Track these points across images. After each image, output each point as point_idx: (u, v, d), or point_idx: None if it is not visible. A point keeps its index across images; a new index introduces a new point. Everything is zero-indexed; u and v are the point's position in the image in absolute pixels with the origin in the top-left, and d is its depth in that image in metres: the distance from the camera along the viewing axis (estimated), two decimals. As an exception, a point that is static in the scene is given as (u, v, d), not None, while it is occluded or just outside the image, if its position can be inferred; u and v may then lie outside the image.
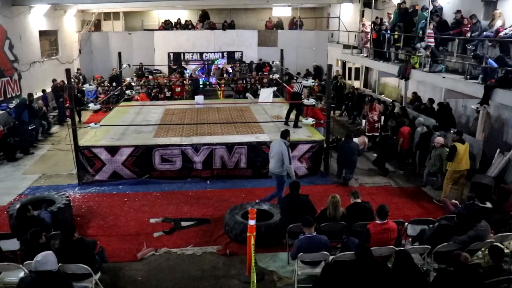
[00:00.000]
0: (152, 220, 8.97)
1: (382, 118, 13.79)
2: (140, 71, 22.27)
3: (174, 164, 10.97)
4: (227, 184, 10.84)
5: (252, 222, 6.67)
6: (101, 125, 11.60)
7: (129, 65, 17.38)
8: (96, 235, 8.15)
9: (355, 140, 11.50)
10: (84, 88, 16.12)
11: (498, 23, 11.59)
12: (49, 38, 20.35)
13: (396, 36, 15.55)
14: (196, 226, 8.76)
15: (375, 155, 12.46)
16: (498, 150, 10.28)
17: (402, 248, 6.25)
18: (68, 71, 10.87)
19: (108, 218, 9.06)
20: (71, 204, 9.08)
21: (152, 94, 19.81)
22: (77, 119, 13.08)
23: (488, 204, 7.42)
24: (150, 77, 22.20)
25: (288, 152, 8.96)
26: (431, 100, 13.98)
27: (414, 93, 15.79)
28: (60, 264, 5.54)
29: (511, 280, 5.57)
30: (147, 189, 10.53)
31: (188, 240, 8.18)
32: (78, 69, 22.03)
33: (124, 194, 10.23)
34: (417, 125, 12.05)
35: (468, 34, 12.64)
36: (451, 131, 11.16)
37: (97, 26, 25.91)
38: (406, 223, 7.43)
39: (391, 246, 6.40)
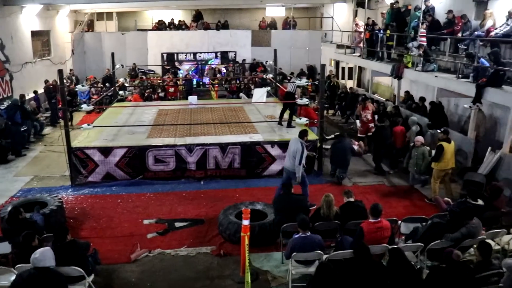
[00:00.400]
0: (145, 221, 8.93)
1: (376, 117, 13.74)
2: (133, 71, 22.21)
3: (167, 165, 10.94)
4: (221, 185, 10.82)
5: (246, 222, 6.65)
6: (94, 126, 11.55)
7: (122, 65, 17.31)
8: (89, 237, 8.11)
9: (354, 147, 11.52)
10: (76, 89, 16.06)
11: (489, 23, 11.67)
12: (41, 39, 20.25)
13: (388, 35, 15.58)
14: (190, 226, 8.74)
15: (369, 154, 12.49)
16: (489, 148, 10.34)
17: (395, 246, 6.27)
18: (60, 72, 10.81)
19: (101, 220, 9.01)
20: (64, 206, 9.02)
21: (146, 94, 19.77)
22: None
23: (480, 202, 7.48)
24: (144, 77, 22.14)
25: (303, 152, 8.87)
26: (422, 99, 14.05)
27: (407, 92, 15.85)
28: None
29: (501, 273, 5.64)
30: (141, 190, 10.49)
31: (182, 241, 8.16)
32: (70, 70, 21.95)
33: (118, 196, 10.19)
34: (411, 124, 12.09)
35: (460, 34, 12.70)
36: (438, 130, 11.18)
37: (90, 27, 25.83)
38: (399, 221, 7.45)
39: (385, 245, 6.42)
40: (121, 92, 17.12)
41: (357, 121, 14.22)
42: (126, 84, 18.86)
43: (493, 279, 5.63)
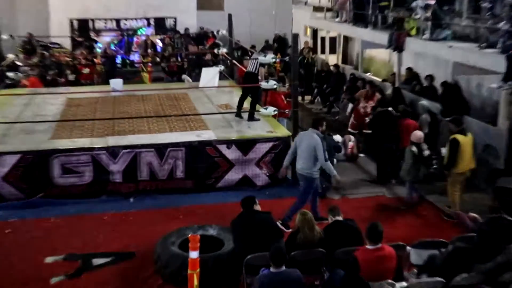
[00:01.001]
0: (48, 259, 8.56)
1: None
2: (29, 45, 21.65)
3: (81, 177, 10.76)
4: (159, 202, 10.71)
5: (194, 254, 6.56)
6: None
7: (11, 36, 16.80)
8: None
9: (338, 138, 11.66)
10: None
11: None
12: None
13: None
14: (114, 263, 8.52)
15: (362, 155, 12.53)
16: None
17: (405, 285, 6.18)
18: None
19: (-20, 260, 8.66)
20: None
21: (49, 78, 19.22)
22: None
23: (519, 217, 7.47)
24: (45, 53, 21.54)
25: (323, 145, 9.28)
26: (431, 78, 14.17)
27: (409, 70, 15.95)
28: None
29: None
30: (41, 213, 10.18)
31: (103, 285, 7.92)
32: None
33: (5, 223, 9.81)
34: (421, 111, 12.14)
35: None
36: (446, 119, 11.21)
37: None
38: (408, 248, 7.40)
39: (390, 281, 6.34)
40: (10, 74, 16.78)
41: (350, 106, 14.16)
42: (19, 63, 18.34)
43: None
